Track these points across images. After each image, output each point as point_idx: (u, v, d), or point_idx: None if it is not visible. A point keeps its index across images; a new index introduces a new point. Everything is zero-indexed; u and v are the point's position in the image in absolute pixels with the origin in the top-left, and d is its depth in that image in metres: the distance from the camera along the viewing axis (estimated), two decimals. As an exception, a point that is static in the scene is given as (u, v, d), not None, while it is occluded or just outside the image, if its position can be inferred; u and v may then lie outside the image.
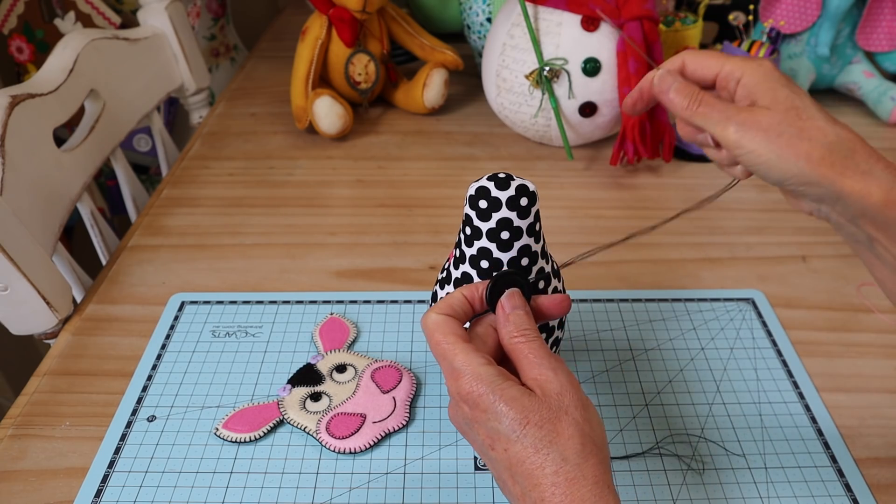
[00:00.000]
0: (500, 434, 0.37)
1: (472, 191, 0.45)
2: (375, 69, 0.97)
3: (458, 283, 0.47)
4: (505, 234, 0.45)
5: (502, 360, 0.42)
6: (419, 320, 0.64)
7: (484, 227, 0.45)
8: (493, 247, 0.45)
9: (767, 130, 0.41)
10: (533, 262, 0.46)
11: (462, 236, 0.47)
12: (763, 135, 0.41)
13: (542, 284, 0.47)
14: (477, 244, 0.45)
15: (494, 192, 0.44)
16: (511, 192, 0.44)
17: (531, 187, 0.45)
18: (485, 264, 0.46)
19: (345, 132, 0.94)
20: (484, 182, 0.45)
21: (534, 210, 0.45)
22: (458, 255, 0.48)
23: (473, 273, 0.46)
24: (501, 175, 0.45)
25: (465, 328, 0.42)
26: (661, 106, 0.83)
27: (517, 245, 0.45)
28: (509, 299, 0.42)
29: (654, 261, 0.72)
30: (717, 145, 0.47)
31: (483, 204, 0.44)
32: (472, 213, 0.45)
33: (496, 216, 0.44)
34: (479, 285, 0.43)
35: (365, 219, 0.80)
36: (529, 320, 0.42)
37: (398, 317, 0.65)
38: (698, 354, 0.61)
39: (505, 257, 0.45)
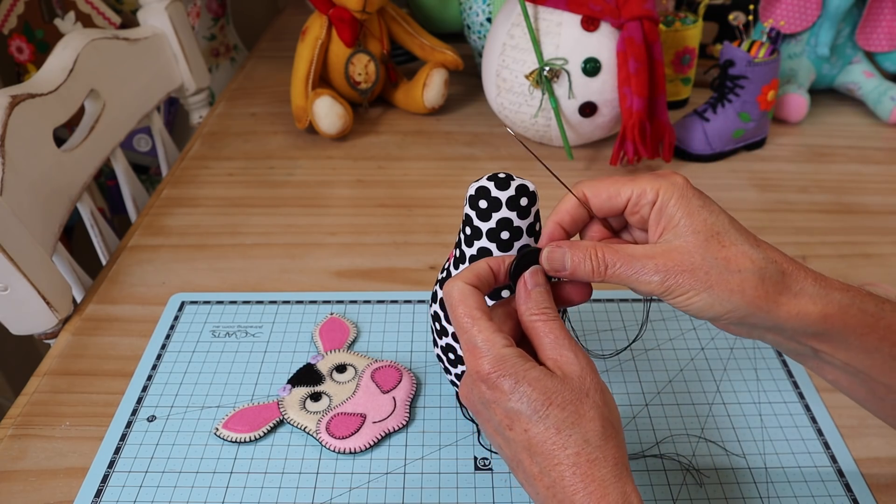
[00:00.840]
0: (520, 414, 0.37)
1: (472, 191, 0.45)
2: (375, 69, 0.97)
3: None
4: (505, 234, 0.45)
5: (521, 339, 0.42)
6: (419, 320, 0.64)
7: (484, 227, 0.45)
8: (493, 247, 0.45)
9: (694, 271, 0.38)
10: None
11: (462, 236, 0.47)
12: (690, 277, 0.38)
13: None
14: (477, 244, 0.45)
15: (494, 192, 0.44)
16: (511, 192, 0.44)
17: (531, 187, 0.45)
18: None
19: (345, 132, 0.94)
20: (484, 182, 0.45)
21: (534, 210, 0.45)
22: (458, 255, 0.48)
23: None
24: (501, 175, 0.45)
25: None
26: (661, 107, 0.83)
27: (517, 245, 0.45)
28: (532, 276, 0.41)
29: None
30: None
31: (483, 204, 0.44)
32: (472, 213, 0.45)
33: (496, 216, 0.44)
34: (504, 258, 0.42)
35: (365, 219, 0.80)
36: (549, 299, 0.41)
37: (398, 317, 0.65)
38: (698, 354, 0.61)
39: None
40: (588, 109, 0.83)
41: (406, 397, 0.56)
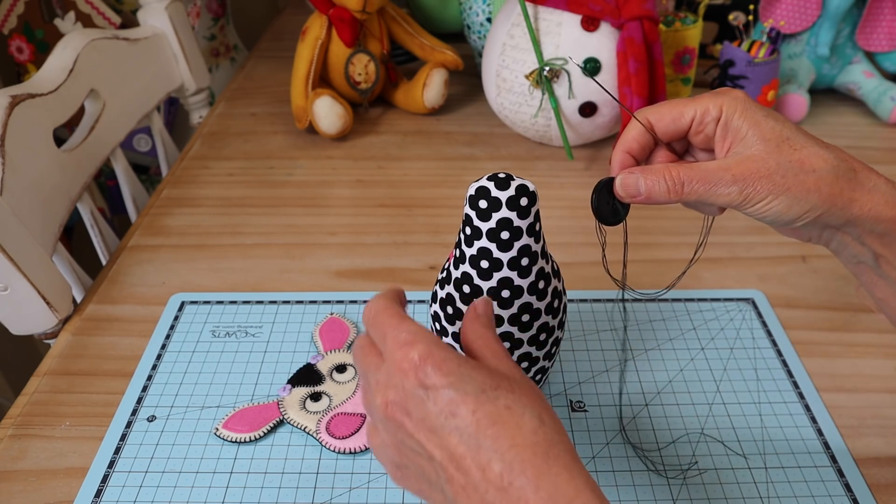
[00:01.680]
0: (468, 396, 0.32)
1: (472, 191, 0.45)
2: (375, 69, 0.97)
3: (459, 283, 0.47)
4: (505, 234, 0.45)
5: None
6: (420, 319, 0.64)
7: (484, 226, 0.45)
8: (493, 247, 0.45)
9: (770, 176, 0.39)
10: (533, 262, 0.46)
11: (462, 236, 0.47)
12: (767, 182, 0.39)
13: (542, 284, 0.47)
14: (477, 244, 0.45)
15: (494, 192, 0.44)
16: (511, 192, 0.44)
17: (531, 187, 0.45)
18: (485, 264, 0.46)
19: (345, 132, 0.94)
20: (484, 182, 0.45)
21: (534, 210, 0.45)
22: (458, 255, 0.48)
23: (473, 273, 0.46)
24: (501, 175, 0.45)
25: None
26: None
27: (517, 245, 0.45)
28: (483, 305, 0.40)
29: (654, 261, 0.72)
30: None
31: (483, 204, 0.44)
32: (472, 213, 0.45)
33: (496, 216, 0.44)
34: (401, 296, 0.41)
35: (365, 219, 0.80)
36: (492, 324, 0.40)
37: (398, 317, 0.65)
38: (698, 354, 0.61)
39: (505, 257, 0.45)
40: (588, 109, 0.83)
41: (406, 397, 0.56)
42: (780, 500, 0.49)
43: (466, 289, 0.47)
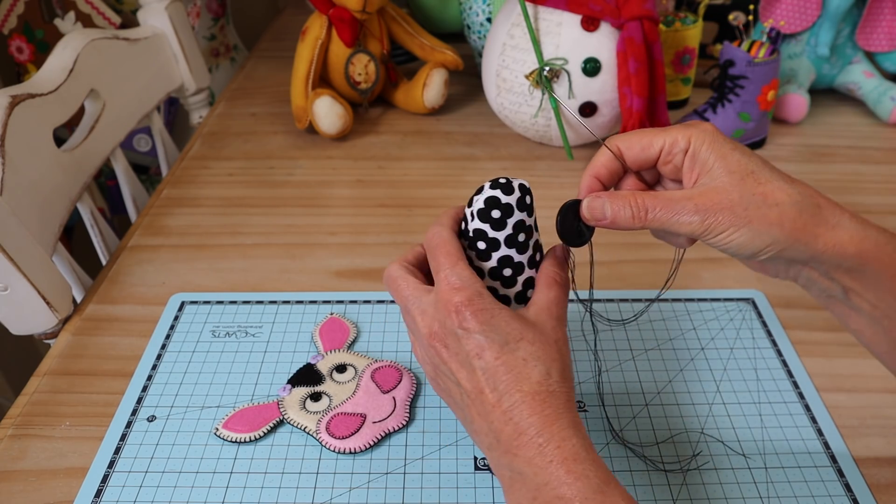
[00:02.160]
0: (493, 344, 0.40)
1: (480, 204, 0.44)
2: (375, 69, 0.97)
3: None
4: (521, 237, 0.44)
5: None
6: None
7: (501, 235, 0.44)
8: (512, 252, 0.45)
9: (733, 208, 0.39)
10: (537, 250, 0.46)
11: (472, 253, 0.45)
12: (729, 214, 0.39)
13: (538, 256, 0.47)
14: (496, 255, 0.44)
15: (505, 199, 0.43)
16: (517, 193, 0.44)
17: (526, 183, 0.45)
18: (508, 272, 0.45)
19: (345, 132, 0.94)
20: (492, 192, 0.44)
21: (533, 206, 0.45)
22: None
23: (496, 284, 0.45)
24: (502, 180, 0.44)
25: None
26: (661, 107, 0.83)
27: (531, 243, 0.45)
28: (562, 250, 0.46)
29: (654, 261, 0.72)
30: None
31: (496, 214, 0.43)
32: (486, 226, 0.44)
33: (511, 221, 0.44)
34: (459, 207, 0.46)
35: (365, 219, 0.80)
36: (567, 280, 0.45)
37: (398, 317, 0.65)
38: (698, 354, 0.61)
39: (524, 258, 0.45)
40: (588, 109, 0.83)
41: (406, 397, 0.56)
42: (780, 500, 0.49)
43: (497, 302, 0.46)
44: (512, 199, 0.44)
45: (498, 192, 0.44)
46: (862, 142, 0.96)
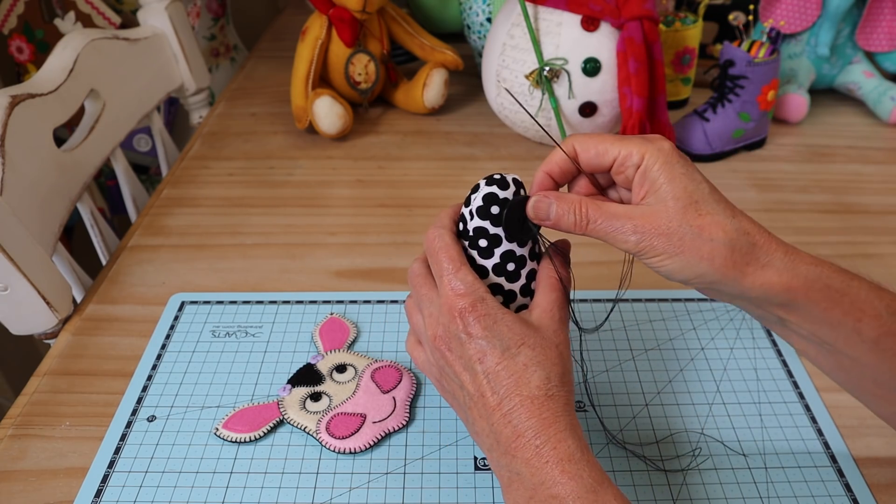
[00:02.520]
0: (494, 349, 0.41)
1: (479, 202, 0.44)
2: (375, 69, 0.97)
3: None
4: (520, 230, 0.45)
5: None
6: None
7: (502, 230, 0.44)
8: (513, 246, 0.45)
9: (669, 235, 0.40)
10: (534, 241, 0.46)
11: (474, 252, 0.45)
12: (665, 240, 0.40)
13: (537, 248, 0.47)
14: (498, 251, 0.44)
15: (502, 194, 0.44)
16: (513, 187, 0.44)
17: (519, 178, 0.45)
18: (511, 266, 0.45)
19: (345, 132, 0.94)
20: (489, 189, 0.44)
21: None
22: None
23: (501, 280, 0.45)
24: (497, 176, 0.44)
25: None
26: (661, 107, 0.83)
27: (530, 235, 0.45)
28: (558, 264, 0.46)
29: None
30: None
31: (495, 209, 0.44)
32: (486, 223, 0.44)
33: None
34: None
35: (365, 219, 0.80)
36: (566, 268, 0.46)
37: (398, 317, 0.65)
38: (698, 354, 0.61)
39: (526, 251, 0.45)
40: (588, 109, 0.83)
41: (406, 397, 0.56)
42: (780, 500, 0.49)
43: (500, 299, 0.45)
44: (508, 194, 0.44)
45: (494, 188, 0.44)
46: (862, 142, 0.96)
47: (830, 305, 0.40)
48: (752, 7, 0.95)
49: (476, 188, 0.45)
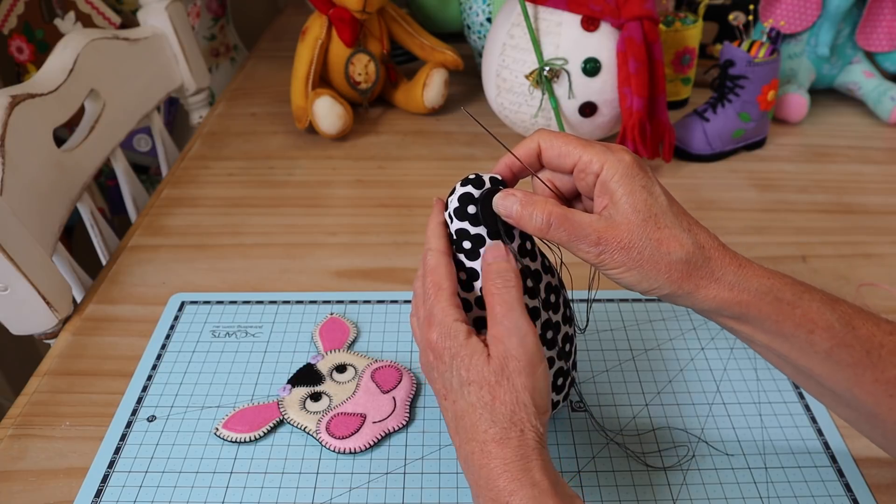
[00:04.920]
0: (451, 387, 0.41)
1: (455, 203, 0.43)
2: (375, 69, 0.97)
3: (472, 305, 0.45)
4: (503, 227, 0.44)
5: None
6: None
7: (483, 230, 0.44)
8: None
9: (629, 249, 0.41)
10: (532, 241, 0.46)
11: (461, 257, 0.44)
12: (624, 254, 0.41)
13: (530, 283, 0.46)
14: (483, 251, 0.44)
15: (478, 193, 0.43)
16: (488, 185, 0.44)
17: (498, 177, 0.45)
18: None
19: (345, 132, 0.94)
20: (464, 189, 0.43)
21: None
22: (464, 277, 0.45)
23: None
24: (472, 176, 0.44)
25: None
26: (661, 107, 0.83)
27: (515, 233, 0.45)
28: (491, 251, 0.43)
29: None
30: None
31: (472, 209, 0.43)
32: (465, 223, 0.43)
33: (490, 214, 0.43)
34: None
35: (365, 219, 0.80)
36: (510, 270, 0.42)
37: (398, 317, 0.65)
38: (698, 354, 0.61)
39: (514, 246, 0.44)
40: (588, 109, 0.83)
41: (406, 397, 0.56)
42: (780, 500, 0.49)
43: None
44: (483, 192, 0.43)
45: (469, 188, 0.44)
46: (862, 142, 0.96)
47: (782, 318, 0.41)
48: (752, 7, 0.95)
49: (452, 191, 0.44)
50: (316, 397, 0.56)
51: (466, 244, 0.44)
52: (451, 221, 0.44)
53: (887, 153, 0.93)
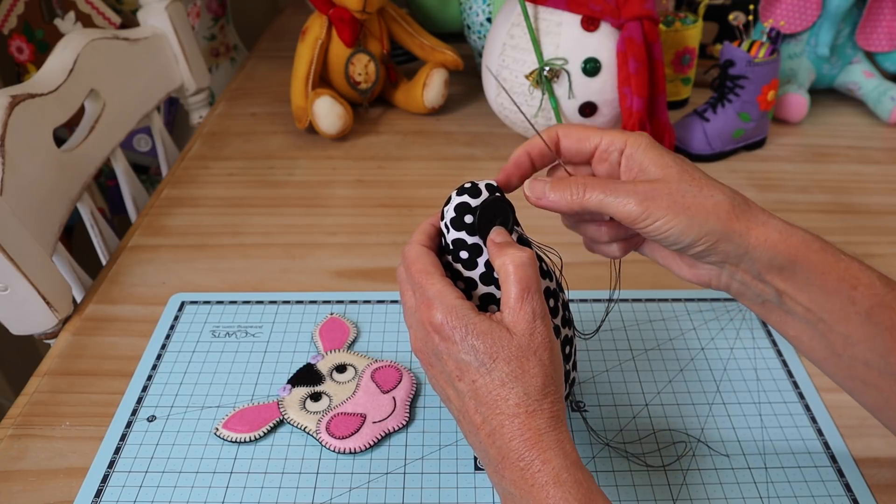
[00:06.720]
0: (469, 366, 0.39)
1: (451, 213, 0.43)
2: (375, 69, 0.97)
3: (485, 306, 0.45)
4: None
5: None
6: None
7: (480, 239, 0.43)
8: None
9: (672, 194, 0.41)
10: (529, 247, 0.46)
11: (458, 266, 0.44)
12: (668, 200, 0.41)
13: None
14: (481, 260, 0.43)
15: (475, 202, 0.42)
16: (485, 193, 0.43)
17: (494, 183, 0.44)
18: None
19: (345, 132, 0.94)
20: (460, 199, 0.43)
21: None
22: (462, 287, 0.44)
23: (491, 288, 0.44)
24: (468, 185, 0.43)
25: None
26: (661, 107, 0.83)
27: (513, 237, 0.44)
28: (498, 235, 0.43)
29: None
30: (607, 223, 0.47)
31: (469, 219, 0.43)
32: (462, 233, 0.43)
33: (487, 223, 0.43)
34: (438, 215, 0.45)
35: (365, 219, 0.80)
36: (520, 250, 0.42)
37: (398, 317, 0.65)
38: (698, 354, 0.61)
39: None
40: (588, 109, 0.83)
41: (406, 397, 0.56)
42: (779, 501, 0.49)
43: (495, 308, 0.44)
44: (480, 201, 0.43)
45: (465, 197, 0.43)
46: (862, 142, 0.96)
47: (828, 269, 0.41)
48: (752, 7, 0.95)
49: (448, 200, 0.43)
50: (316, 397, 0.56)
51: (464, 254, 0.43)
52: (448, 231, 0.43)
53: (887, 153, 0.93)
